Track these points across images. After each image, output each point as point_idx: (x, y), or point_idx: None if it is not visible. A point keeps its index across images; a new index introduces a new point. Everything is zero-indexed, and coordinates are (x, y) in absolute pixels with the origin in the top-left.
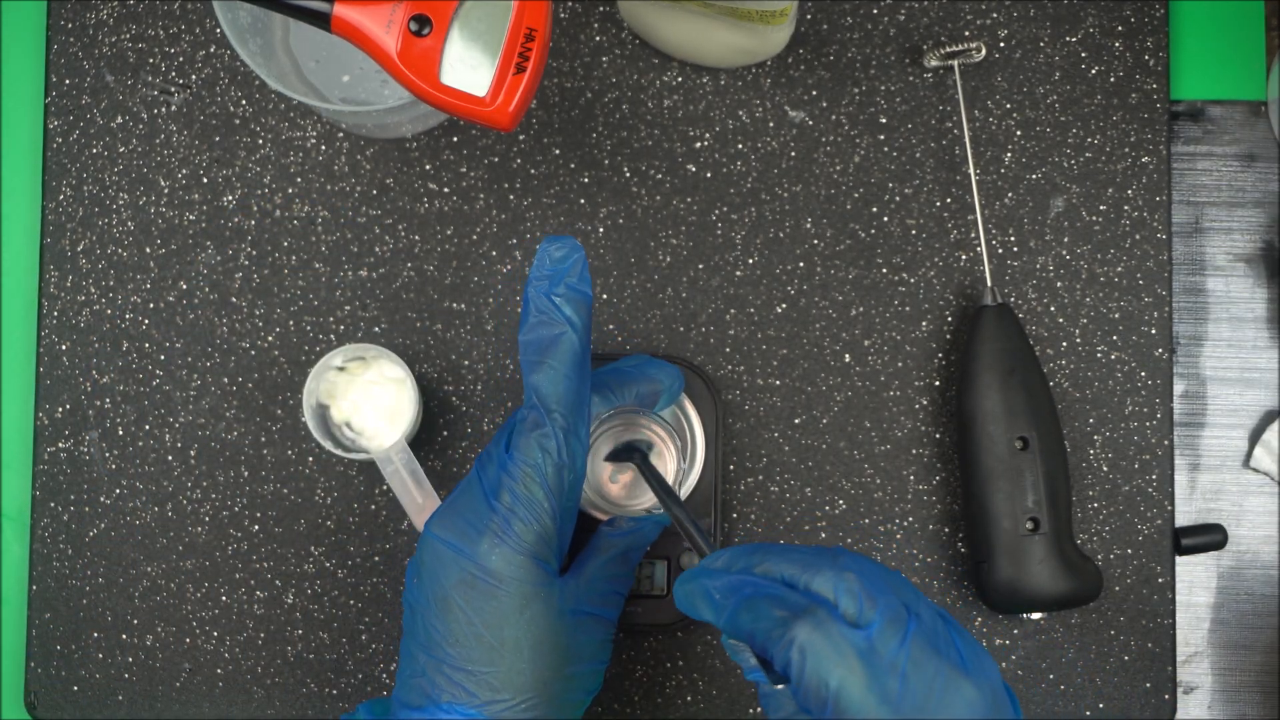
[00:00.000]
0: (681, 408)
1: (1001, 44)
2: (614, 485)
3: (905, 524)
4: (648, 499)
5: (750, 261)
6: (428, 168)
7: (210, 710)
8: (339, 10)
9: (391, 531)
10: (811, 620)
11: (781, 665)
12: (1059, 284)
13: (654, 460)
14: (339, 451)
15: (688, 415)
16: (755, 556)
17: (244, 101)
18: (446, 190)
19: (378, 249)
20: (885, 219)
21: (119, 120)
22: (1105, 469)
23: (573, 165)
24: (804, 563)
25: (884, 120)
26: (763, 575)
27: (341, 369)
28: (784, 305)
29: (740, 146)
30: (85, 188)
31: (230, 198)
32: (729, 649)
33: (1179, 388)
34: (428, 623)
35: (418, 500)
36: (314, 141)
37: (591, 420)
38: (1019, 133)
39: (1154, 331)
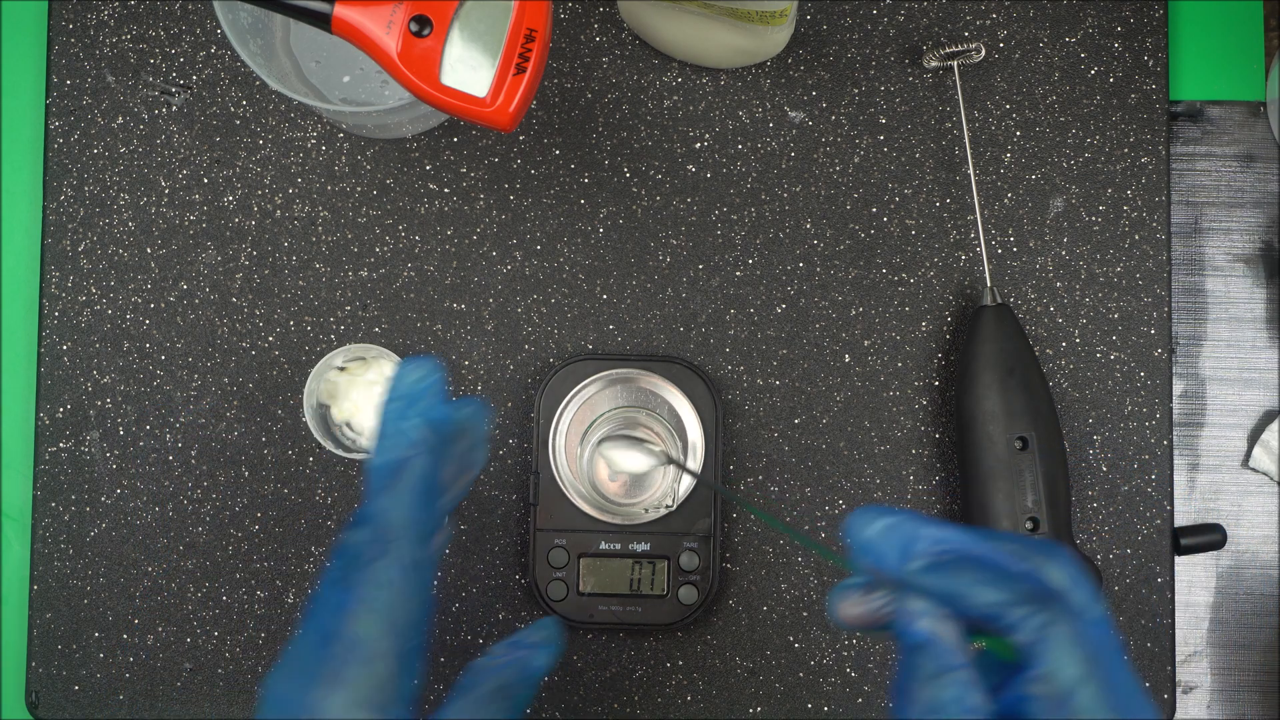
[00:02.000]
0: (681, 408)
1: (1001, 44)
2: (613, 484)
3: None
4: (646, 498)
5: (750, 261)
6: (428, 168)
7: (211, 710)
8: (339, 11)
9: None
10: (1066, 606)
11: (1024, 642)
12: (1058, 284)
13: (651, 468)
14: (339, 451)
15: (688, 415)
16: (960, 528)
17: (245, 102)
18: (447, 190)
19: (378, 249)
20: (885, 219)
21: (120, 121)
22: (1104, 469)
23: (573, 165)
24: (1027, 545)
25: (884, 120)
26: (979, 539)
27: (342, 369)
28: (784, 305)
29: (740, 146)
30: (86, 188)
31: (231, 198)
32: (838, 606)
33: (1178, 388)
34: None
35: None
36: (314, 142)
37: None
38: (1018, 133)
39: (1153, 331)
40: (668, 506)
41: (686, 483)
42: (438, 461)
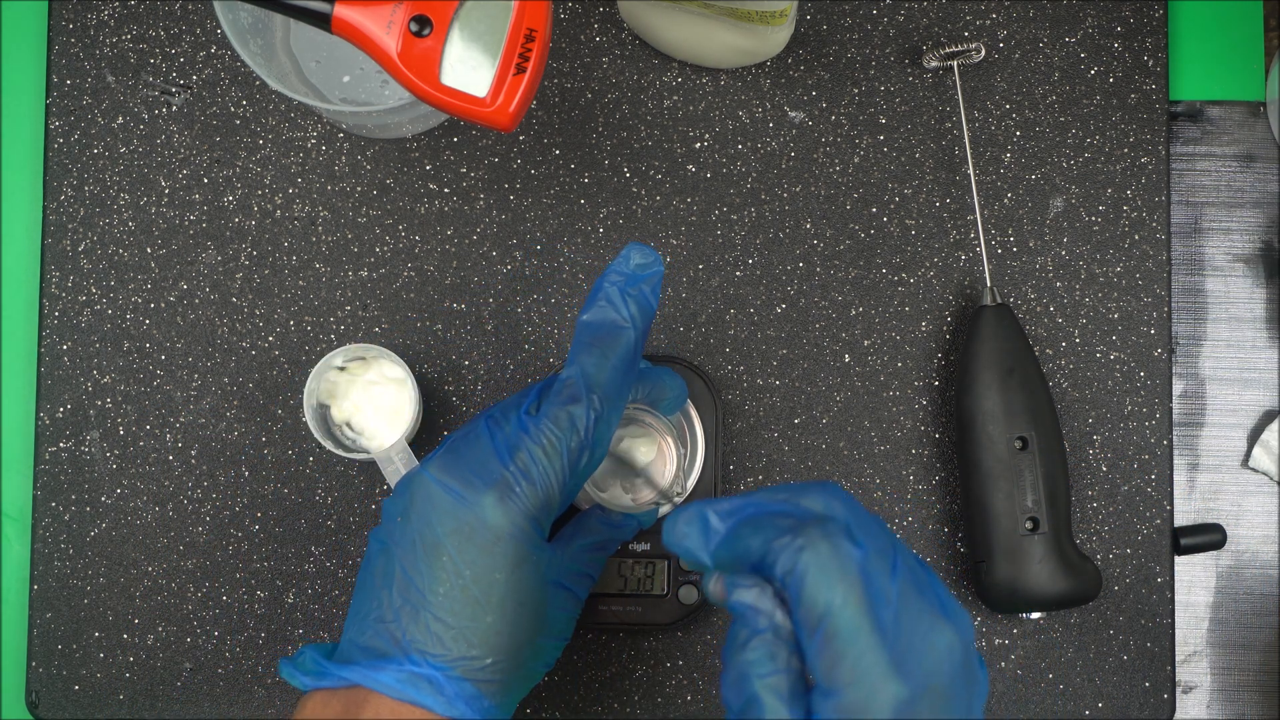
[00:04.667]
0: (682, 407)
1: (1001, 44)
2: (621, 490)
3: (905, 524)
4: (652, 493)
5: (750, 261)
6: (428, 168)
7: (211, 710)
8: (339, 11)
9: None
10: (822, 529)
11: (782, 573)
12: (1058, 284)
13: (654, 458)
14: (339, 451)
15: (688, 415)
16: (746, 493)
17: (245, 102)
18: (447, 190)
19: (378, 249)
20: (885, 219)
21: (120, 120)
22: (1104, 469)
23: (573, 165)
24: (794, 488)
25: (884, 120)
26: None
27: (342, 369)
28: (784, 305)
29: (740, 146)
30: (86, 188)
31: (231, 198)
32: (707, 587)
33: (1178, 388)
34: (410, 566)
35: None
36: (314, 142)
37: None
38: (1018, 133)
39: (1153, 331)
40: (677, 495)
41: (689, 483)
42: (640, 342)
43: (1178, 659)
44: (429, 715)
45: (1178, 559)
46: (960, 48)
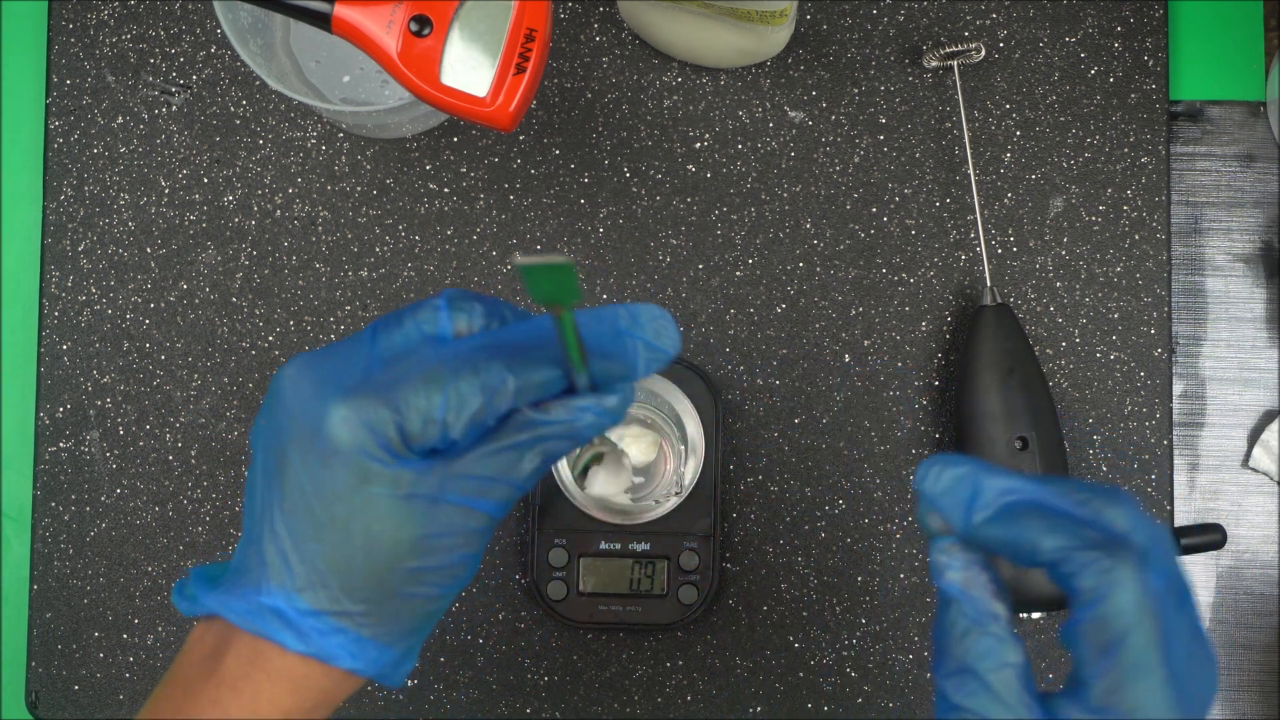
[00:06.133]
0: (681, 407)
1: (1001, 44)
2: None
3: (905, 524)
4: (653, 489)
5: (750, 261)
6: (428, 168)
7: None
8: (339, 11)
9: None
10: (1138, 559)
11: (1083, 588)
12: (1058, 284)
13: (654, 457)
14: None
15: (688, 415)
16: (1024, 475)
17: (244, 102)
18: (446, 190)
19: (378, 249)
20: (885, 219)
21: (120, 120)
22: (1105, 469)
23: (573, 165)
24: (1095, 492)
25: (884, 120)
26: (1044, 486)
27: None
28: (784, 305)
29: (740, 146)
30: (86, 188)
31: (231, 198)
32: (936, 557)
33: (1178, 388)
34: (265, 476)
35: None
36: (314, 142)
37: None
38: (1018, 133)
39: (1153, 331)
40: (676, 495)
41: (688, 482)
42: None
43: None
44: (299, 657)
45: (1178, 559)
46: (960, 48)
